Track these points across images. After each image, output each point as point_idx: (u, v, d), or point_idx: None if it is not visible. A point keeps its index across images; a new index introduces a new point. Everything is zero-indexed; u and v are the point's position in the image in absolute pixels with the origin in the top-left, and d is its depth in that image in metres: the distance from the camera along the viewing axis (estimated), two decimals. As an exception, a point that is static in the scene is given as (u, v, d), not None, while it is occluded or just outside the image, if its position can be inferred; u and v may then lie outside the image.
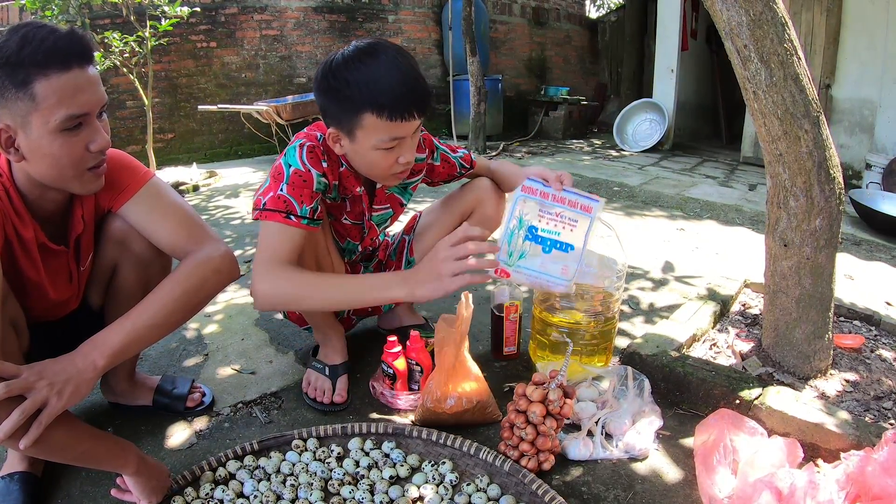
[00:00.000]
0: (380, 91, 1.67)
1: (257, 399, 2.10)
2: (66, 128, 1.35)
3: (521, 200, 1.77)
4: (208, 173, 5.93)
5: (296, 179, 1.77)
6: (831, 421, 1.74)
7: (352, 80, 1.68)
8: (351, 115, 1.70)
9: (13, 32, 1.29)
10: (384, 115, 1.68)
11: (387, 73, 1.69)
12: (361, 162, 1.83)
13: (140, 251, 1.70)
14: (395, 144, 1.75)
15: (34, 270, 1.52)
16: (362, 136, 1.73)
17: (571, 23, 10.93)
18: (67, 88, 1.32)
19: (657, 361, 2.08)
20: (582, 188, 1.81)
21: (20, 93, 1.28)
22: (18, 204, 1.44)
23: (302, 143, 1.82)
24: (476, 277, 1.59)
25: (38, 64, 1.28)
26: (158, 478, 1.56)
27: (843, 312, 2.57)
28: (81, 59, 1.35)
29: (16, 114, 1.30)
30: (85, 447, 1.38)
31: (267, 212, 1.76)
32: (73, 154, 1.39)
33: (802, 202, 1.93)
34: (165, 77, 6.79)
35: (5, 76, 1.27)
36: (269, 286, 1.71)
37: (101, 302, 1.82)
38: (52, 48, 1.29)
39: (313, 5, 7.67)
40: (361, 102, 1.67)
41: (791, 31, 1.83)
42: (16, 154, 1.36)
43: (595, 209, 1.75)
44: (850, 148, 6.26)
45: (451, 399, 1.84)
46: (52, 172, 1.40)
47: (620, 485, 1.69)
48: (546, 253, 1.74)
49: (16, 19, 5.98)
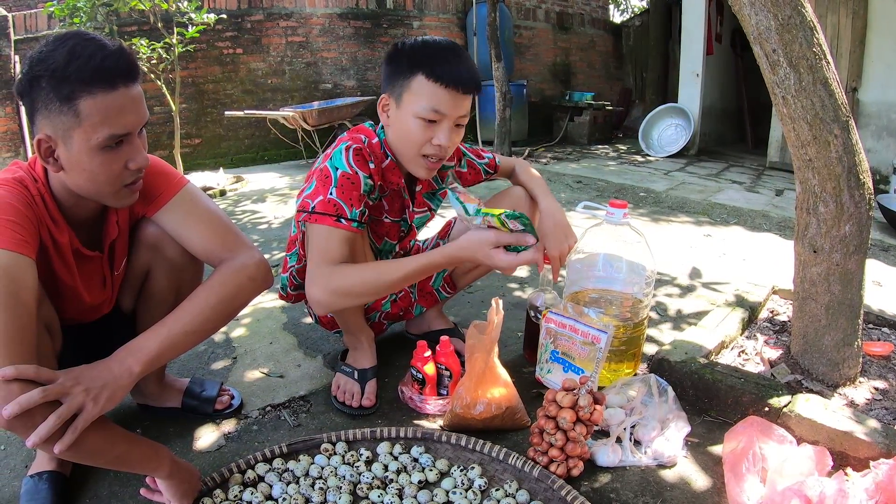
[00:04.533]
0: (435, 57, 1.79)
1: (286, 402, 2.12)
2: (107, 146, 1.36)
3: (545, 328, 2.10)
4: (235, 178, 5.99)
5: (344, 182, 1.80)
6: (860, 429, 1.72)
7: (415, 47, 1.82)
8: (404, 74, 1.81)
9: (60, 43, 1.30)
10: (434, 78, 1.77)
11: (447, 49, 1.83)
12: (399, 134, 1.88)
13: (173, 256, 1.71)
14: (436, 119, 1.81)
15: (69, 275, 1.54)
16: (408, 100, 1.81)
17: (595, 27, 10.91)
18: (112, 108, 1.33)
19: (686, 368, 2.08)
20: (608, 194, 1.89)
21: (64, 107, 1.29)
22: (54, 210, 1.46)
23: (348, 145, 1.86)
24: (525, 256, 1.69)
25: (85, 81, 1.28)
26: (190, 481, 1.57)
27: (872, 319, 2.55)
28: (127, 77, 1.35)
29: (58, 126, 1.31)
30: (119, 451, 1.39)
31: (317, 215, 1.78)
32: (112, 171, 1.40)
33: (832, 208, 1.92)
34: (192, 83, 6.86)
35: (50, 89, 1.28)
36: (336, 285, 1.75)
37: (132, 306, 1.84)
38: (99, 66, 1.29)
39: (338, 12, 7.71)
40: (416, 62, 1.79)
41: (819, 34, 1.83)
42: (54, 164, 1.37)
43: (603, 340, 1.95)
44: (878, 152, 6.18)
45: (481, 405, 1.85)
46: (89, 186, 1.42)
47: (649, 492, 1.69)
48: (565, 372, 2.06)
49: (44, 27, 6.09)
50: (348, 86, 7.93)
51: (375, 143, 1.93)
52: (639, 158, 7.68)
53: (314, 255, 1.79)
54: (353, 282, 1.75)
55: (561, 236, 2.04)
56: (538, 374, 2.16)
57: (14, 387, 1.19)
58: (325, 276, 1.76)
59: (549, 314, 2.07)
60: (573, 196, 5.34)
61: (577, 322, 2.00)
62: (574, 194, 5.44)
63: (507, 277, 3.27)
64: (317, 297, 1.77)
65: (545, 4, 9.96)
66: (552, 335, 2.07)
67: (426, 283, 2.37)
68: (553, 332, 2.07)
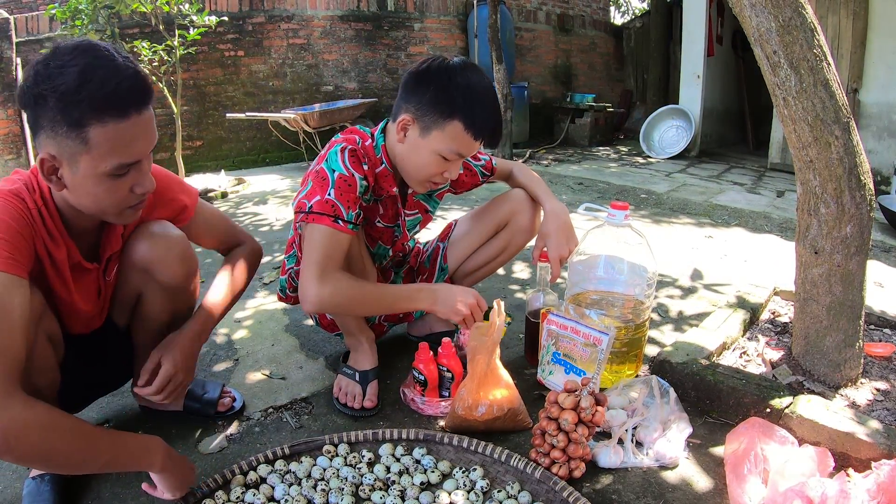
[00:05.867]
0: (475, 106, 1.79)
1: (287, 404, 2.12)
2: (115, 174, 1.35)
3: (547, 330, 2.10)
4: (236, 180, 5.99)
5: (341, 184, 1.82)
6: (862, 430, 1.72)
7: (461, 84, 1.79)
8: (442, 114, 1.80)
9: (70, 59, 1.25)
10: (470, 130, 1.79)
11: (488, 96, 1.84)
12: (412, 158, 1.89)
13: (164, 280, 1.71)
14: (454, 159, 1.85)
15: (64, 289, 1.54)
16: (436, 137, 1.82)
17: (596, 29, 10.91)
18: (123, 138, 1.30)
19: (687, 369, 2.08)
20: (610, 196, 1.91)
21: (72, 133, 1.26)
22: (52, 224, 1.45)
23: (343, 147, 1.87)
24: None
25: (95, 109, 1.25)
26: (183, 472, 1.54)
27: (873, 320, 2.55)
28: (140, 104, 1.32)
29: (63, 149, 1.29)
30: (106, 458, 1.36)
31: (314, 215, 1.80)
32: (117, 196, 1.40)
33: (833, 209, 1.92)
34: (194, 85, 6.87)
35: (58, 111, 1.25)
36: (329, 291, 1.80)
37: (125, 322, 1.85)
38: (112, 94, 1.26)
39: (339, 14, 7.72)
40: (459, 108, 1.78)
41: (820, 36, 1.83)
42: (57, 183, 1.35)
43: (604, 341, 1.95)
44: (879, 153, 6.17)
45: (483, 406, 1.85)
46: (92, 207, 1.41)
47: (651, 493, 1.69)
48: (567, 374, 2.05)
49: (45, 29, 6.08)
50: (349, 88, 7.94)
51: (369, 146, 1.94)
52: (640, 160, 7.69)
53: (313, 253, 1.81)
54: (342, 294, 1.83)
55: (563, 239, 2.06)
56: (540, 375, 2.16)
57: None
58: (318, 278, 1.79)
59: (551, 316, 2.07)
60: (574, 198, 5.34)
61: (578, 324, 2.00)
62: (575, 196, 5.44)
63: (508, 279, 3.28)
64: (307, 295, 1.81)
65: (546, 6, 9.97)
66: (554, 337, 2.07)
67: (428, 283, 2.38)
68: (555, 334, 2.07)
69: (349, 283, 1.84)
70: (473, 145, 1.84)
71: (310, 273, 1.79)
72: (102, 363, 1.80)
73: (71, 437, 1.26)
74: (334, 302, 1.84)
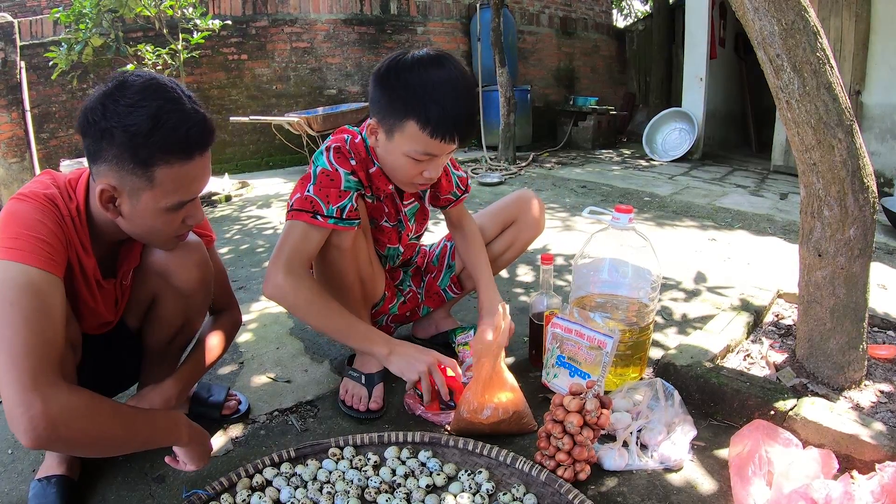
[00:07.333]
0: (432, 105, 1.69)
1: (293, 407, 2.13)
2: (173, 209, 1.41)
3: (551, 333, 2.09)
4: (240, 184, 6.00)
5: (322, 179, 1.83)
6: (866, 432, 1.72)
7: (410, 83, 1.70)
8: (397, 115, 1.74)
9: (141, 98, 1.30)
10: (427, 130, 1.71)
11: (445, 90, 1.71)
12: (388, 161, 1.88)
13: (180, 284, 1.73)
14: (426, 160, 1.80)
15: (91, 298, 1.58)
16: (399, 140, 1.77)
17: (599, 32, 10.93)
18: (186, 178, 1.38)
19: (691, 372, 2.08)
20: (613, 199, 1.90)
21: (138, 170, 1.32)
22: (84, 235, 1.48)
23: (328, 145, 1.89)
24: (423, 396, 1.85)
25: (164, 151, 1.31)
26: (204, 443, 1.61)
27: (877, 322, 2.55)
28: (205, 147, 1.39)
29: (126, 183, 1.35)
30: (143, 437, 1.42)
31: (294, 212, 1.84)
32: (170, 227, 1.47)
33: (836, 211, 1.92)
34: (197, 89, 6.87)
35: (126, 148, 1.30)
36: (292, 284, 1.81)
37: (137, 325, 1.86)
38: (183, 139, 1.33)
39: (343, 17, 7.74)
40: (411, 108, 1.70)
41: (823, 39, 1.83)
42: (113, 210, 1.41)
43: (609, 344, 1.94)
44: (882, 155, 6.17)
45: (488, 410, 1.85)
46: (143, 235, 1.49)
47: (656, 495, 1.69)
48: (571, 377, 2.05)
49: (49, 33, 6.10)
50: (353, 91, 7.96)
51: (359, 143, 1.93)
52: (643, 163, 7.69)
53: (281, 245, 1.85)
54: (303, 294, 1.83)
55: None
56: (544, 378, 2.17)
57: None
58: (284, 267, 1.82)
59: (556, 319, 2.07)
60: (578, 201, 5.35)
61: (583, 327, 2.00)
62: (579, 199, 5.45)
63: (513, 282, 3.28)
64: (270, 277, 1.83)
65: (549, 9, 9.99)
66: (558, 340, 2.08)
67: (433, 283, 2.39)
68: (559, 337, 2.07)
69: (312, 288, 1.86)
70: (439, 144, 1.75)
71: (277, 262, 1.83)
72: (112, 364, 1.81)
73: (113, 420, 1.32)
74: (293, 296, 1.83)
